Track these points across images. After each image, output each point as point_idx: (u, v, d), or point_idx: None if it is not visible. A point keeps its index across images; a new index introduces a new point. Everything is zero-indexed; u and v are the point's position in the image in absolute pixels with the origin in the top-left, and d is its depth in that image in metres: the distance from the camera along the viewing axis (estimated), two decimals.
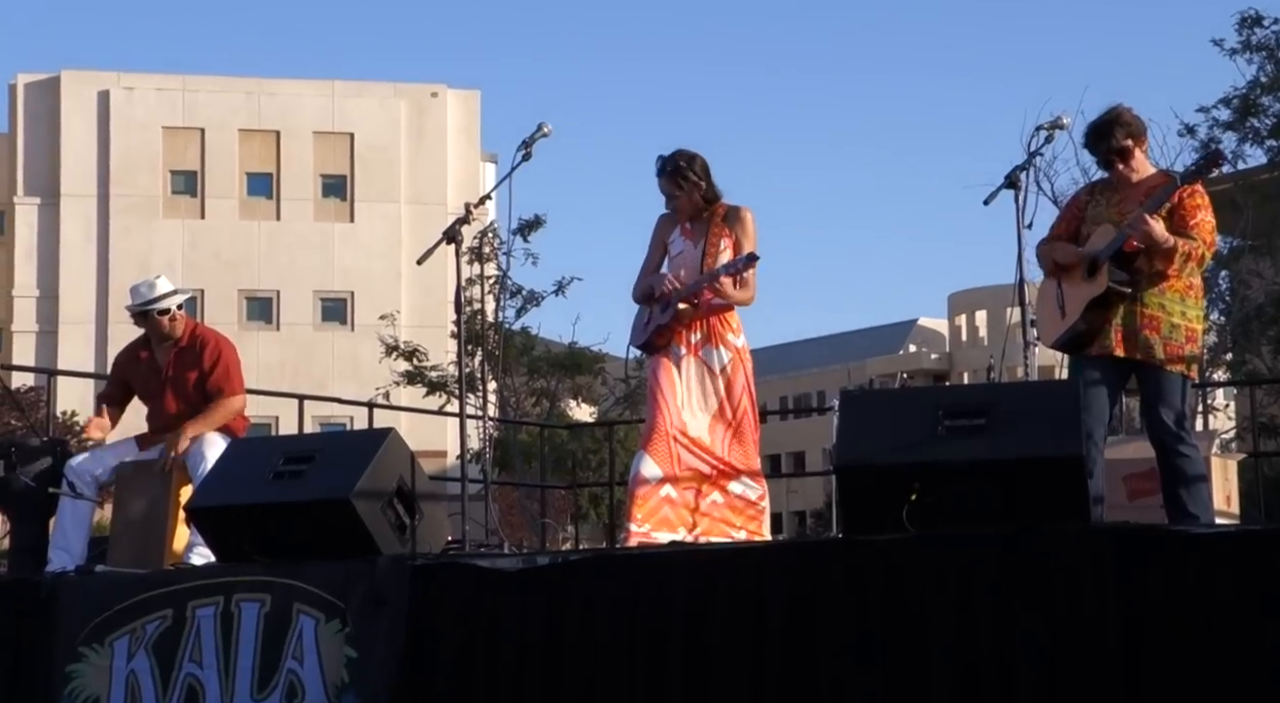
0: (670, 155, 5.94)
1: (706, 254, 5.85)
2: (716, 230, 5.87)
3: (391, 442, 5.51)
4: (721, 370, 5.82)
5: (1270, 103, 20.71)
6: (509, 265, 23.61)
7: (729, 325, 5.87)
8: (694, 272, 5.86)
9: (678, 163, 5.90)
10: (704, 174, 5.90)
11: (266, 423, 24.61)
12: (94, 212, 38.83)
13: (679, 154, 5.92)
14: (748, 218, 5.89)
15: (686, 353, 5.83)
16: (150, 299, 6.52)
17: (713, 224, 5.88)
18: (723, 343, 5.84)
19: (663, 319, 5.84)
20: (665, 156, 5.95)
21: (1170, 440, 5.28)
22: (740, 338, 5.90)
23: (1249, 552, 4.05)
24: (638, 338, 5.98)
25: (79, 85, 39.26)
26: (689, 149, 5.94)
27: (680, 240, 5.95)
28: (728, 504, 5.77)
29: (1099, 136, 5.45)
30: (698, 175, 5.88)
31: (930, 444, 4.60)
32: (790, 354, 57.89)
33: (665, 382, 5.79)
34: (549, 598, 4.76)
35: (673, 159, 5.92)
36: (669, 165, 5.92)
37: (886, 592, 4.32)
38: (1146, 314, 5.33)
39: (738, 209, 5.91)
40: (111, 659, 5.27)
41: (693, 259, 5.88)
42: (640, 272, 6.04)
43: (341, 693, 4.87)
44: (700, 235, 5.90)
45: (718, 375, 5.82)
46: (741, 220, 5.88)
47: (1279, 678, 3.88)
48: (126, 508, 6.41)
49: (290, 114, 39.61)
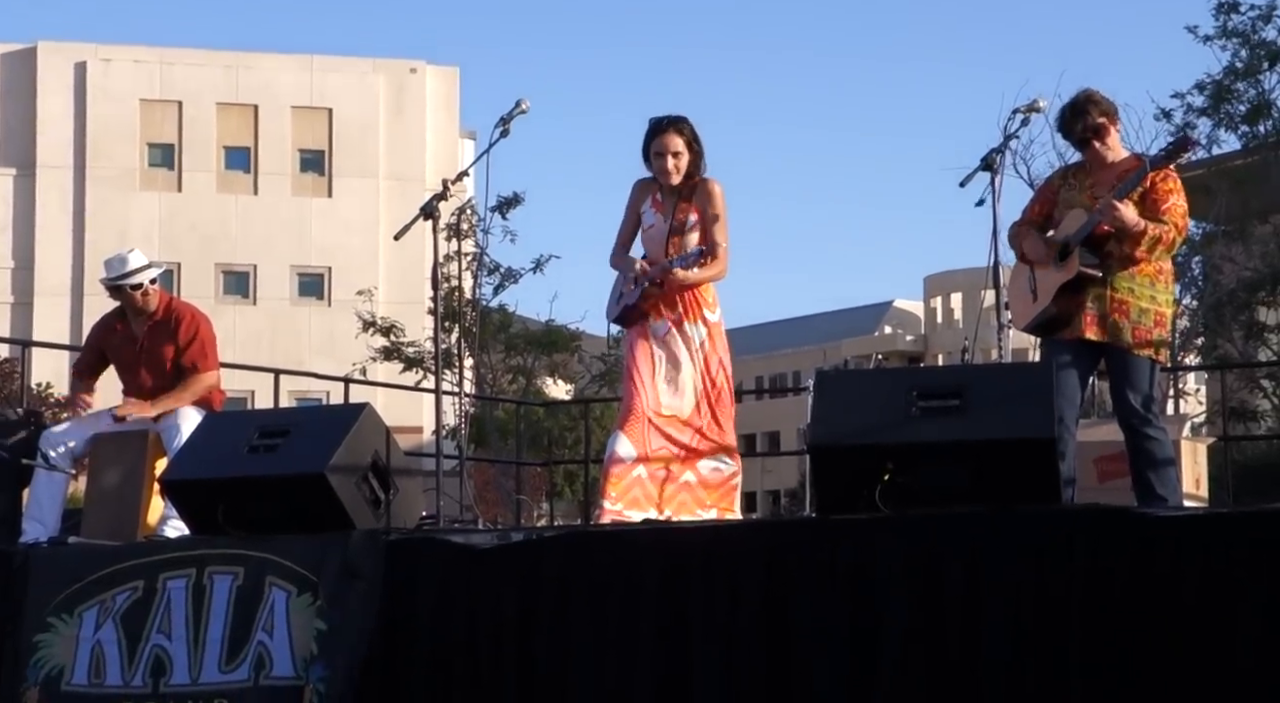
0: (678, 117, 5.79)
1: (673, 230, 5.82)
2: (684, 205, 5.82)
3: (367, 417, 5.51)
4: (701, 345, 5.83)
5: (1244, 89, 20.80)
6: (487, 242, 23.60)
7: (704, 300, 5.85)
8: (661, 246, 5.82)
9: (687, 122, 5.79)
10: (701, 145, 5.83)
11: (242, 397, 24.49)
12: (70, 183, 38.55)
13: (685, 119, 5.80)
14: (715, 190, 5.81)
15: (666, 327, 5.83)
16: (123, 273, 6.50)
17: (680, 198, 5.84)
18: (700, 318, 5.84)
19: (631, 298, 5.84)
20: (676, 116, 5.80)
21: (1138, 424, 5.33)
22: (715, 312, 5.88)
23: (1216, 534, 4.10)
24: (612, 311, 5.99)
25: (56, 56, 38.92)
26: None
27: (651, 213, 5.89)
28: (700, 483, 5.77)
29: (1075, 114, 5.47)
30: (699, 143, 5.81)
31: (904, 425, 4.64)
32: (766, 334, 57.93)
33: (642, 360, 5.78)
34: (523, 575, 4.78)
35: (680, 117, 5.80)
36: (677, 121, 5.78)
37: (859, 571, 4.36)
38: (1116, 298, 5.37)
39: (706, 181, 5.83)
40: (79, 629, 5.27)
41: (660, 233, 5.85)
42: (616, 237, 6.00)
43: (310, 665, 4.89)
44: (669, 209, 5.86)
45: (694, 351, 5.83)
46: (710, 193, 5.80)
47: (1246, 660, 3.93)
48: (100, 480, 6.41)
49: (268, 88, 39.36)
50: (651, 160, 5.82)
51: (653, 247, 5.88)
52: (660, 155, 5.78)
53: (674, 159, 5.76)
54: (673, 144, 5.76)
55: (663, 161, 5.77)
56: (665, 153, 5.76)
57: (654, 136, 5.79)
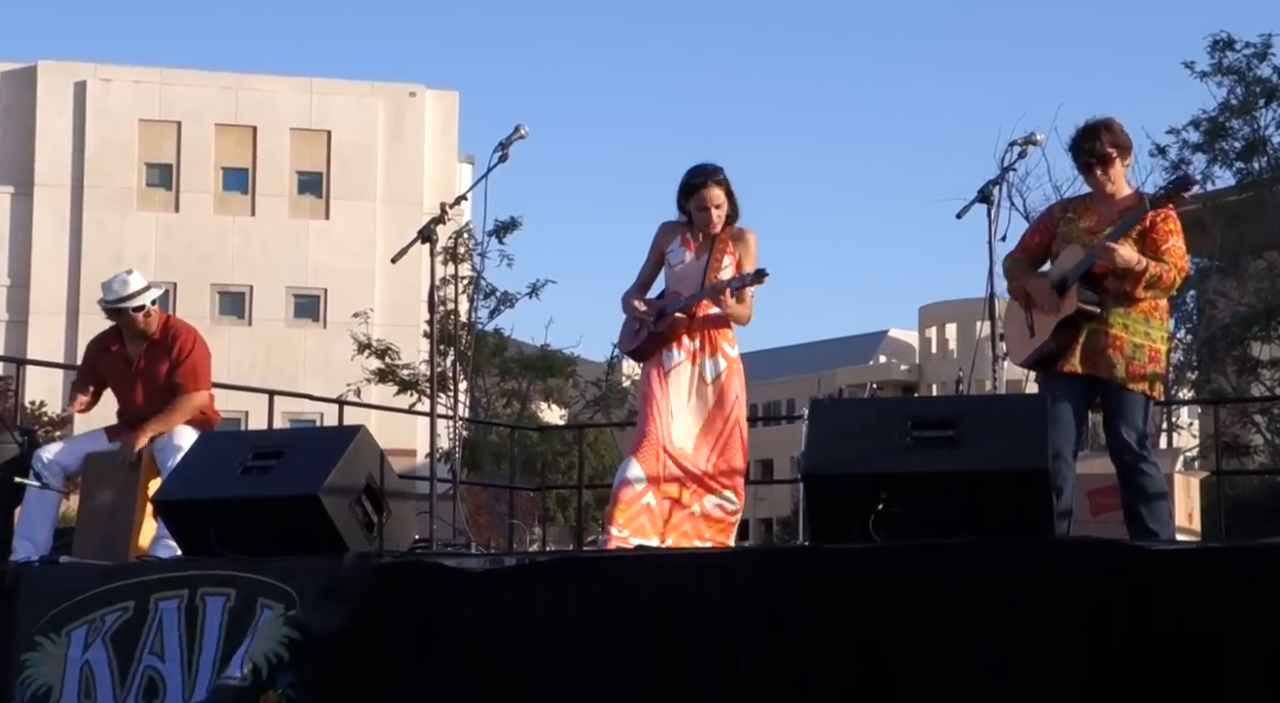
0: (716, 167, 5.90)
1: (710, 268, 5.87)
2: (722, 247, 5.90)
3: (361, 439, 5.51)
4: (715, 379, 5.87)
5: (1239, 126, 20.89)
6: (483, 266, 23.61)
7: (725, 336, 5.93)
8: (695, 282, 5.88)
9: (723, 171, 5.89)
10: (735, 193, 5.93)
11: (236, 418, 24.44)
12: (68, 202, 38.56)
13: (722, 170, 5.90)
14: (751, 240, 5.94)
15: (684, 360, 5.87)
16: (124, 296, 6.49)
17: (718, 240, 5.91)
18: (719, 352, 5.89)
19: (658, 328, 5.87)
20: (713, 167, 5.89)
21: (1131, 459, 5.33)
22: (735, 349, 5.96)
23: (1209, 568, 4.10)
24: (628, 344, 6.02)
25: (55, 75, 38.99)
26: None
27: (680, 250, 5.95)
28: (703, 516, 5.82)
29: (1086, 137, 5.46)
30: (734, 192, 5.91)
31: (898, 455, 4.64)
32: (761, 362, 57.89)
33: (658, 390, 5.82)
34: (515, 599, 4.76)
35: (718, 168, 5.89)
36: (715, 174, 5.87)
37: (852, 600, 4.35)
38: (1110, 334, 5.38)
39: (743, 230, 5.95)
40: (67, 649, 5.24)
41: (695, 272, 5.90)
42: (637, 277, 6.06)
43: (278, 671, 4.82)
44: (705, 249, 5.91)
45: (709, 384, 5.86)
46: (745, 241, 5.93)
47: (1236, 693, 3.92)
48: (93, 499, 6.39)
49: (268, 110, 39.42)
50: (694, 214, 5.91)
51: (683, 283, 5.94)
52: (704, 210, 5.88)
53: (717, 211, 5.88)
54: (715, 198, 5.87)
55: (707, 215, 5.88)
56: (709, 207, 5.87)
57: (696, 191, 5.87)
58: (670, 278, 5.99)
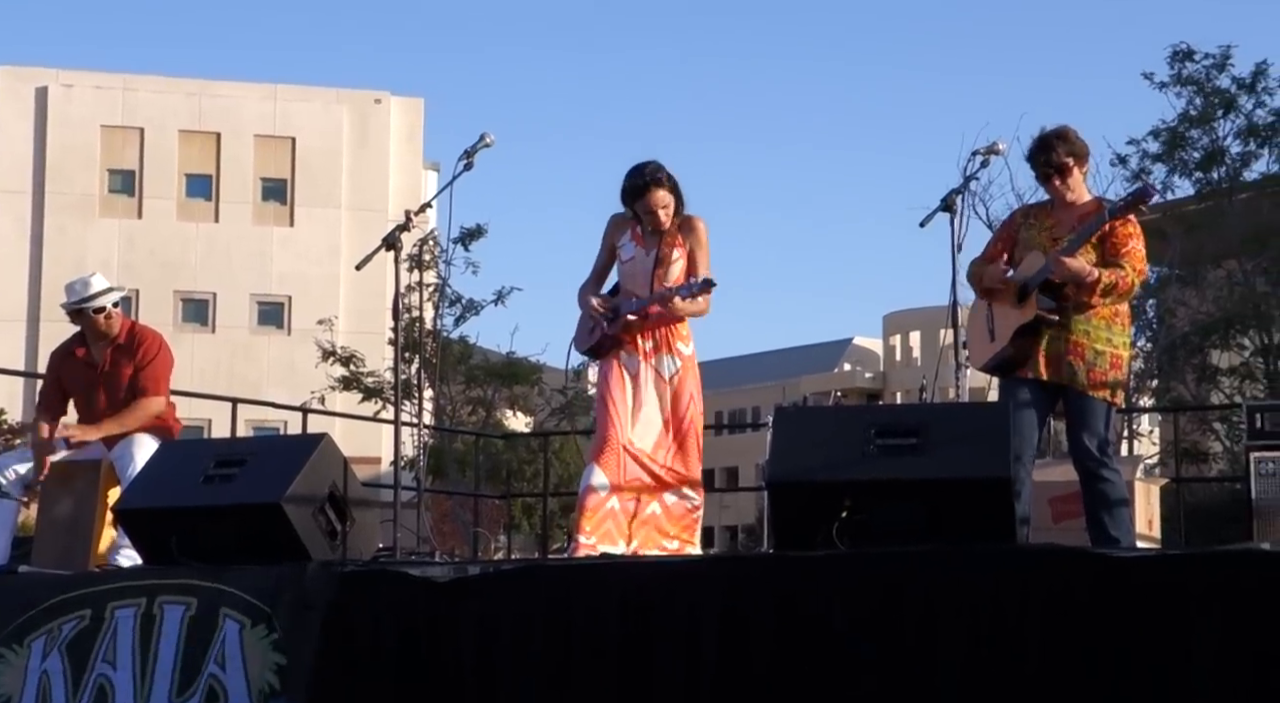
0: (655, 165, 5.82)
1: (659, 263, 5.85)
2: (670, 239, 5.86)
3: (325, 447, 5.48)
4: (671, 378, 5.87)
5: (1198, 136, 21.09)
6: (448, 274, 23.55)
7: (679, 334, 5.90)
8: (645, 279, 5.86)
9: (663, 169, 5.81)
10: (679, 186, 5.87)
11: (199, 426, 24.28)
12: (29, 208, 38.22)
13: (662, 167, 5.83)
14: (700, 228, 5.87)
15: (639, 359, 5.85)
16: (85, 297, 6.45)
17: (666, 234, 5.87)
18: (672, 351, 5.88)
19: (611, 330, 5.86)
20: (653, 166, 5.82)
21: (1093, 465, 5.37)
22: (689, 346, 5.93)
23: (1169, 575, 4.13)
24: (584, 343, 6.00)
25: (17, 81, 38.66)
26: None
27: (631, 245, 5.92)
28: (665, 514, 5.82)
29: (1042, 148, 5.50)
30: (678, 185, 5.85)
31: (862, 462, 4.66)
32: (726, 370, 58.02)
33: (616, 390, 5.81)
34: (480, 608, 4.75)
35: (665, 170, 5.81)
36: (656, 174, 5.79)
37: (815, 607, 4.36)
38: (1072, 341, 5.42)
39: (690, 218, 5.88)
40: (28, 660, 5.20)
41: (644, 267, 5.88)
42: (592, 270, 6.01)
43: (269, 699, 4.84)
44: (653, 243, 5.88)
45: (666, 383, 5.86)
46: (695, 230, 5.86)
47: (1196, 699, 3.95)
48: (52, 508, 6.33)
49: (231, 116, 39.22)
50: (642, 216, 5.85)
51: (634, 279, 5.91)
52: (651, 212, 5.82)
53: (664, 211, 5.83)
54: (661, 199, 5.81)
55: (654, 217, 5.83)
56: (655, 210, 5.81)
57: (640, 195, 5.80)
58: (621, 274, 5.96)
